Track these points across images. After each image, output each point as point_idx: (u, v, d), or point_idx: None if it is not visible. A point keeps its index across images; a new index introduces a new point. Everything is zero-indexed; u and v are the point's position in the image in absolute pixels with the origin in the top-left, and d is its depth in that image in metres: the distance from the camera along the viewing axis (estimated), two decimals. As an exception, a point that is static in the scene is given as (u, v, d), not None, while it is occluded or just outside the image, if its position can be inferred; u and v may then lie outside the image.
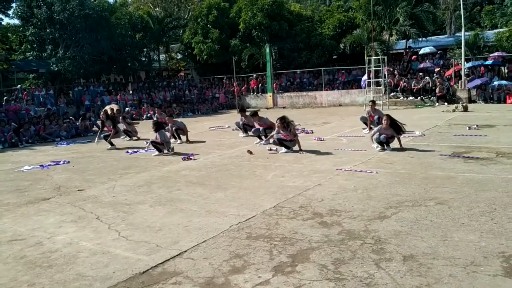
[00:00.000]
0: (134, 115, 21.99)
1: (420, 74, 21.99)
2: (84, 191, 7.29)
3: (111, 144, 12.36)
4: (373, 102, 12.71)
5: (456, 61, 21.88)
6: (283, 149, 9.69)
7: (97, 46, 25.76)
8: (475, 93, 19.69)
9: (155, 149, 10.60)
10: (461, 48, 20.83)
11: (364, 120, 12.47)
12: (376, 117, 11.79)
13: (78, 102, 24.21)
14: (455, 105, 17.20)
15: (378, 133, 9.15)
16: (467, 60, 21.59)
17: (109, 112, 20.16)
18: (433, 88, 20.43)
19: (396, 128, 9.08)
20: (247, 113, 13.01)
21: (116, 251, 4.49)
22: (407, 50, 25.73)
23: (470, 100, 19.38)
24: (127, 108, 23.14)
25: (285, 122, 9.57)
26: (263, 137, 11.27)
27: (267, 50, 23.15)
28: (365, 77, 21.25)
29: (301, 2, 36.67)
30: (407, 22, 24.09)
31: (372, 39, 22.83)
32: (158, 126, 10.70)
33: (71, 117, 18.58)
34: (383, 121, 9.17)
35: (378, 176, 6.90)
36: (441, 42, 29.84)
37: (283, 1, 28.55)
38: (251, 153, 9.75)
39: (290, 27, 27.11)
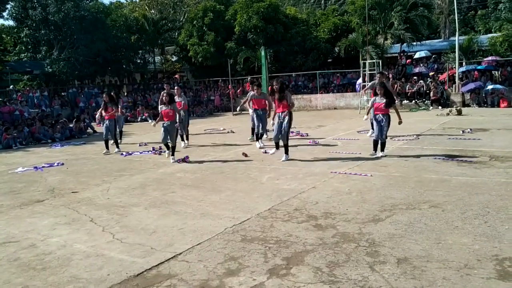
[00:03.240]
0: (129, 117, 21.94)
1: (415, 78, 22.10)
2: (78, 193, 7.26)
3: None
4: (382, 73, 12.49)
5: (450, 65, 22.01)
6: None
7: (92, 48, 25.68)
8: (469, 97, 19.81)
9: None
10: (455, 52, 20.96)
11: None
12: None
13: (72, 104, 24.13)
14: (449, 108, 17.29)
15: (372, 103, 9.21)
16: (461, 64, 21.73)
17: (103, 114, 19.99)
18: (427, 92, 20.53)
19: (389, 97, 8.95)
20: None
21: (111, 254, 4.48)
22: (402, 54, 25.86)
23: (464, 104, 19.49)
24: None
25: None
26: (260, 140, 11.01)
27: (263, 53, 23.12)
28: (360, 80, 21.28)
29: (296, 5, 36.72)
30: (401, 26, 24.21)
31: (367, 42, 22.90)
32: (172, 98, 9.94)
33: (64, 119, 18.49)
34: (377, 90, 9.14)
35: (372, 179, 6.93)
36: (436, 46, 30.00)
37: (278, 4, 28.59)
38: (246, 155, 9.75)
39: (285, 30, 27.15)
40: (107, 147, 11.70)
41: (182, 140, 11.93)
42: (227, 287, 3.61)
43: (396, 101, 9.11)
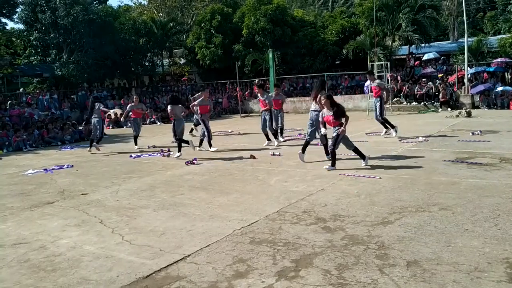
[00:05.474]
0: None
1: (423, 79, 21.99)
2: (87, 195, 7.31)
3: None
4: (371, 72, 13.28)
5: (459, 67, 21.87)
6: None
7: (101, 51, 25.88)
8: (478, 99, 19.66)
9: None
10: (464, 54, 20.82)
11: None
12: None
13: (81, 107, 24.31)
14: (459, 110, 17.18)
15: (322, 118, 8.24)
16: (470, 66, 21.58)
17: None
18: (436, 93, 20.42)
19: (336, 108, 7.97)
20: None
21: (120, 255, 4.50)
22: (410, 56, 25.76)
23: (474, 106, 19.35)
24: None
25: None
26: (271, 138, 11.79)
27: (270, 55, 23.19)
28: (368, 82, 21.24)
29: (304, 7, 36.75)
30: (409, 28, 24.13)
31: (375, 44, 22.85)
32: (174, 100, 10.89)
33: (74, 121, 18.64)
34: (322, 103, 8.11)
35: (381, 181, 6.90)
36: (444, 47, 29.84)
37: (286, 7, 28.64)
38: (254, 157, 9.76)
39: (293, 33, 27.18)
40: (136, 143, 12.99)
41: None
42: (236, 289, 3.62)
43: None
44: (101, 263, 4.32)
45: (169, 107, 10.73)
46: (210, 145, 11.27)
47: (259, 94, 12.05)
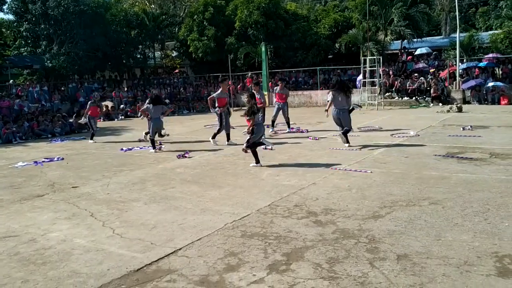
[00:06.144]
0: (129, 113, 21.93)
1: (415, 74, 22.07)
2: (78, 188, 7.26)
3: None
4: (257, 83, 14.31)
5: (451, 62, 21.97)
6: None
7: (92, 43, 25.60)
8: (469, 94, 19.78)
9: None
10: (456, 49, 20.92)
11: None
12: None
13: (72, 99, 24.09)
14: (450, 105, 17.28)
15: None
16: (461, 61, 21.68)
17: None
18: (428, 88, 20.50)
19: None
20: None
21: (110, 249, 4.48)
22: (402, 51, 25.81)
23: (465, 101, 19.47)
24: (121, 105, 23.06)
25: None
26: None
27: (263, 48, 23.12)
28: (360, 77, 21.27)
29: (297, 1, 36.62)
30: (402, 23, 24.16)
31: (368, 39, 22.86)
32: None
33: (64, 114, 18.47)
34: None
35: (372, 176, 6.93)
36: (436, 43, 29.93)
37: (279, 0, 28.51)
38: (246, 151, 9.72)
39: (286, 26, 27.08)
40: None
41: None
42: (227, 283, 3.62)
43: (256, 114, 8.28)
44: (91, 256, 4.30)
45: (145, 105, 10.96)
46: (213, 137, 11.24)
47: (255, 92, 12.14)
